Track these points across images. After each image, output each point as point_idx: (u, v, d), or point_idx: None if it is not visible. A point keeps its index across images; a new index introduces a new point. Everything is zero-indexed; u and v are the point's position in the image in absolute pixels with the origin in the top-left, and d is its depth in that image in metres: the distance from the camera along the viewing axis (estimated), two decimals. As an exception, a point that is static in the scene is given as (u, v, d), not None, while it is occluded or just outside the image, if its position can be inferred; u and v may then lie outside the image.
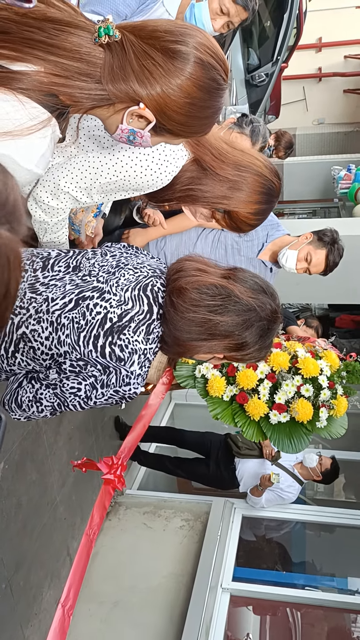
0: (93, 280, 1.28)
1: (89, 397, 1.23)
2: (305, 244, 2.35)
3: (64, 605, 1.48)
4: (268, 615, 3.67)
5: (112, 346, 1.19)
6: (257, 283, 1.26)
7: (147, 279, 1.27)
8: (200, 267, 1.27)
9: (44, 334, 1.22)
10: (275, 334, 1.28)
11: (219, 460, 3.82)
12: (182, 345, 1.27)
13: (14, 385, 1.29)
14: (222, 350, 1.27)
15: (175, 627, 3.15)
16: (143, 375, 1.22)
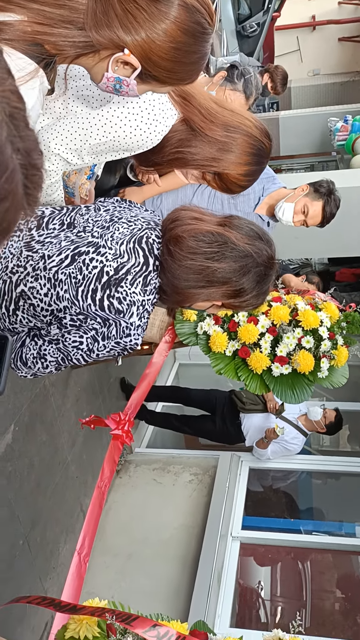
0: (88, 236, 1.29)
1: (91, 349, 1.26)
2: (302, 196, 2.35)
3: (80, 552, 1.54)
4: (278, 562, 3.81)
5: (110, 299, 1.21)
6: (253, 230, 1.28)
7: (142, 232, 1.29)
8: (195, 215, 1.28)
9: (43, 291, 1.25)
10: (271, 280, 1.30)
11: (224, 416, 3.89)
12: (181, 293, 1.30)
13: (17, 345, 1.32)
14: (220, 298, 1.29)
15: (188, 576, 3.28)
16: (143, 326, 1.25)
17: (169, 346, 2.66)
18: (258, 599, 3.70)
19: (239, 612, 3.44)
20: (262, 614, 3.63)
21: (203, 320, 2.60)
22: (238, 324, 2.52)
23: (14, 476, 2.58)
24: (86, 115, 1.31)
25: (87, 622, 1.22)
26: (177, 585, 3.26)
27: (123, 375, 4.04)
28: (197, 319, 2.63)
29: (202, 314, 2.63)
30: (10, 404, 2.52)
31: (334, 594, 3.71)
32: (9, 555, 2.56)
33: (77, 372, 3.28)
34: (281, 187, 2.38)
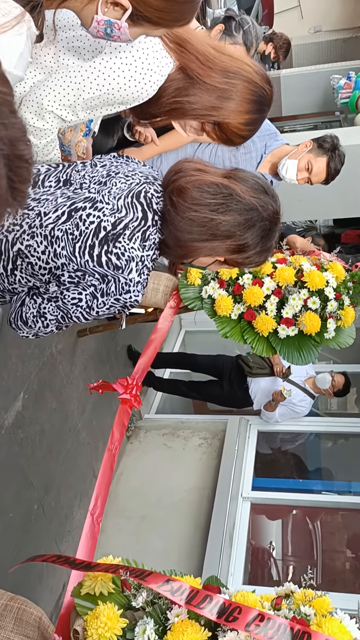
0: (84, 192, 1.27)
1: (90, 306, 1.25)
2: (305, 153, 2.29)
3: (93, 513, 1.57)
4: (289, 522, 3.88)
5: (108, 255, 1.20)
6: (259, 183, 1.25)
7: (140, 186, 1.26)
8: (199, 167, 1.26)
9: (40, 249, 1.23)
10: (276, 236, 1.28)
11: (232, 380, 3.92)
12: (184, 246, 1.28)
13: (17, 304, 1.31)
14: (224, 253, 1.28)
15: (200, 537, 3.35)
16: (142, 283, 1.24)
17: (174, 311, 2.65)
18: (270, 558, 3.79)
19: (252, 571, 3.53)
20: (274, 573, 3.72)
21: (208, 284, 2.58)
22: (243, 286, 2.51)
23: (25, 443, 2.61)
24: (78, 69, 1.28)
25: (102, 578, 1.25)
26: (190, 546, 3.33)
27: (129, 343, 4.05)
28: (202, 282, 2.61)
29: (206, 277, 2.61)
30: (19, 372, 2.54)
31: (344, 553, 3.78)
32: (25, 520, 2.62)
33: (84, 341, 3.29)
34: (284, 144, 2.32)
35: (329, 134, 2.38)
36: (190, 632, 1.10)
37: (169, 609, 1.18)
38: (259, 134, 2.31)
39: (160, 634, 1.13)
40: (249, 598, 1.20)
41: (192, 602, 1.12)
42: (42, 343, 2.79)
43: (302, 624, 1.10)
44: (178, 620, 1.14)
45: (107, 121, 2.29)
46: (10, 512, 2.48)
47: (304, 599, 1.23)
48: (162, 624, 1.16)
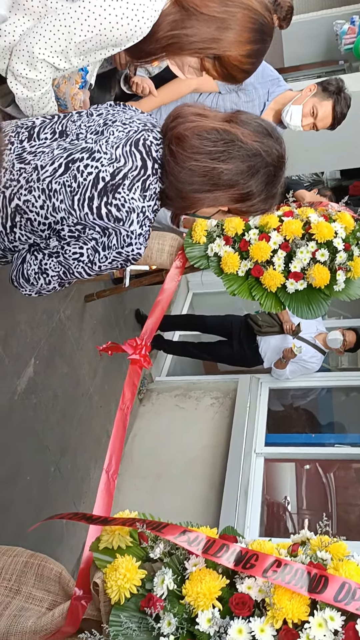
0: (81, 143, 1.23)
1: (92, 261, 1.23)
2: (310, 97, 2.20)
3: (108, 470, 1.58)
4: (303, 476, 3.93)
5: (108, 206, 1.17)
6: (262, 125, 1.20)
7: (138, 134, 1.22)
8: (199, 112, 1.21)
9: (38, 203, 1.20)
10: (281, 181, 1.23)
11: (241, 340, 3.91)
12: (185, 198, 1.24)
13: (18, 262, 1.29)
14: (227, 202, 1.24)
15: (216, 493, 3.40)
16: (144, 235, 1.21)
17: (180, 271, 2.62)
18: (285, 512, 3.86)
19: (267, 524, 3.59)
20: (289, 525, 3.79)
21: (213, 242, 2.54)
22: (249, 242, 2.47)
23: (39, 408, 2.64)
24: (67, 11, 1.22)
25: (119, 532, 1.27)
26: (205, 502, 3.39)
27: (137, 306, 4.04)
28: (207, 240, 2.57)
29: (212, 235, 2.57)
30: (28, 338, 2.54)
31: (358, 506, 3.83)
32: (42, 482, 2.67)
33: (92, 306, 3.28)
34: (287, 90, 2.24)
35: (334, 77, 2.29)
36: (208, 580, 1.12)
37: (186, 559, 1.19)
38: (261, 80, 2.23)
39: (179, 583, 1.15)
40: (265, 546, 1.21)
41: (209, 552, 1.14)
42: (50, 309, 2.78)
43: (319, 568, 1.11)
44: (196, 570, 1.15)
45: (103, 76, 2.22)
46: (27, 476, 2.53)
47: (320, 544, 1.24)
48: (180, 574, 1.17)
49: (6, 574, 1.32)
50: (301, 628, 1.05)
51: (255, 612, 1.09)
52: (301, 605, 1.06)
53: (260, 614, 1.08)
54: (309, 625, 1.04)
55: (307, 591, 1.06)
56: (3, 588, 1.29)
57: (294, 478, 3.95)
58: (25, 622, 1.21)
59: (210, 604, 1.09)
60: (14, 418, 2.44)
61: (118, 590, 1.13)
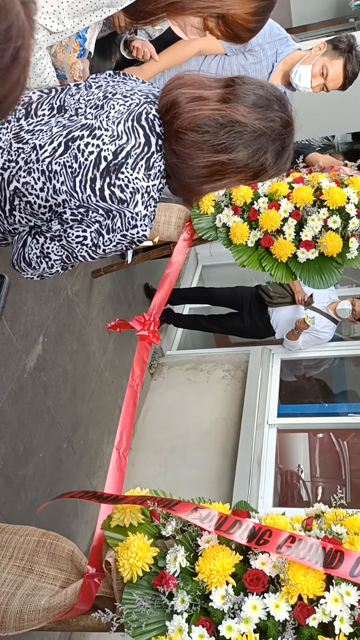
0: (81, 119, 1.17)
1: (96, 244, 1.18)
2: (319, 56, 2.10)
3: (118, 448, 1.57)
4: (316, 445, 3.92)
5: (111, 187, 1.11)
6: (261, 96, 1.12)
7: (140, 107, 1.15)
8: (194, 94, 1.12)
9: (38, 185, 1.15)
10: (292, 145, 1.16)
11: (252, 311, 3.86)
12: (194, 191, 1.20)
13: (19, 245, 1.24)
14: (237, 184, 1.18)
15: (229, 463, 3.41)
16: (150, 216, 1.15)
17: (187, 243, 2.57)
18: (299, 481, 3.86)
19: (281, 493, 3.61)
20: (303, 494, 3.80)
21: (221, 212, 2.48)
22: (258, 211, 2.40)
23: (50, 385, 2.63)
24: None
25: (131, 510, 1.26)
26: (219, 473, 3.40)
27: (146, 280, 4.00)
28: (215, 211, 2.51)
29: (219, 205, 2.50)
30: (36, 315, 2.51)
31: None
32: (56, 458, 2.68)
33: (99, 281, 3.24)
34: (296, 49, 2.14)
35: (345, 34, 2.17)
36: (221, 557, 1.10)
37: (198, 536, 1.18)
38: (268, 40, 2.13)
39: (192, 560, 1.14)
40: (279, 521, 1.19)
41: (222, 528, 1.12)
42: (57, 286, 2.75)
43: (334, 543, 1.08)
44: (209, 546, 1.14)
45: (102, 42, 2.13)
46: (40, 453, 2.53)
47: (334, 518, 1.22)
48: (192, 551, 1.16)
49: (18, 553, 1.31)
50: (317, 603, 1.03)
51: (269, 588, 1.07)
52: (316, 580, 1.04)
53: (274, 589, 1.07)
54: (325, 600, 1.02)
55: (322, 566, 1.04)
56: (16, 567, 1.29)
57: (307, 447, 3.95)
58: (39, 601, 1.21)
59: (224, 581, 1.08)
60: (25, 396, 2.44)
61: (130, 568, 1.12)
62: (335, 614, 1.01)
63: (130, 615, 1.09)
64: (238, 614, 1.05)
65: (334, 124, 3.96)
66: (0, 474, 2.25)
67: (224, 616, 1.05)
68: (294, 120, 1.16)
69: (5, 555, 1.32)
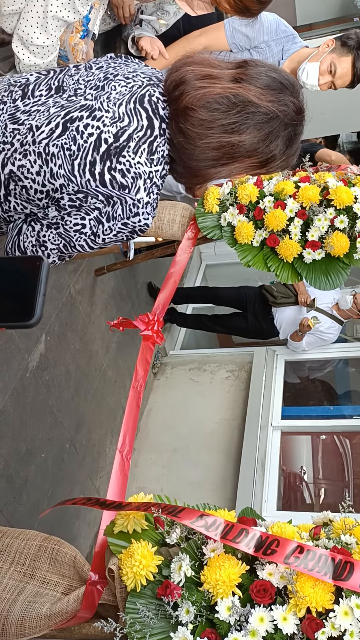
0: (80, 99, 1.12)
1: (95, 233, 1.13)
2: (327, 53, 2.06)
3: (122, 450, 1.54)
4: (319, 448, 3.89)
5: (111, 172, 1.06)
6: (274, 78, 1.07)
7: (143, 89, 1.11)
8: (204, 72, 1.07)
9: (34, 169, 1.10)
10: (301, 135, 1.12)
11: (256, 312, 3.83)
12: (199, 175, 1.14)
13: (13, 232, 1.19)
14: (245, 171, 1.14)
15: (233, 466, 3.38)
16: (152, 204, 1.10)
17: (192, 242, 2.54)
18: (302, 483, 3.83)
19: (285, 496, 3.57)
20: (306, 496, 3.77)
21: (226, 211, 2.45)
22: (264, 210, 2.37)
23: (52, 384, 2.60)
24: None
25: (134, 516, 1.23)
26: (223, 475, 3.37)
27: (149, 279, 3.97)
28: (220, 209, 2.47)
29: (224, 204, 2.47)
30: (38, 314, 2.48)
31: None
32: (58, 459, 2.65)
33: (102, 280, 3.21)
34: (303, 47, 2.10)
35: (354, 31, 2.13)
36: (227, 567, 1.07)
37: (204, 544, 1.15)
38: (274, 37, 2.10)
39: (197, 569, 1.11)
40: (286, 529, 1.16)
41: (228, 537, 1.09)
42: (59, 284, 2.72)
43: (343, 554, 1.05)
44: (214, 555, 1.11)
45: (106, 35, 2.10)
46: (42, 453, 2.51)
47: (343, 527, 1.19)
48: (198, 559, 1.13)
49: (20, 558, 1.29)
50: (326, 617, 1.00)
51: (277, 599, 1.04)
52: (325, 592, 1.01)
53: (282, 601, 1.04)
54: (334, 613, 0.99)
55: (332, 578, 1.01)
56: (17, 572, 1.26)
57: (309, 449, 3.92)
58: (41, 608, 1.18)
59: (230, 592, 1.05)
60: (28, 395, 2.41)
61: (134, 577, 1.10)
62: (345, 628, 0.97)
63: (133, 625, 1.06)
64: (244, 626, 1.02)
65: (339, 123, 3.92)
66: (2, 474, 2.23)
67: (230, 628, 1.02)
68: (305, 109, 1.12)
69: (7, 560, 1.30)
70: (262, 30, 2.02)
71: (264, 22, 1.99)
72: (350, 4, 6.30)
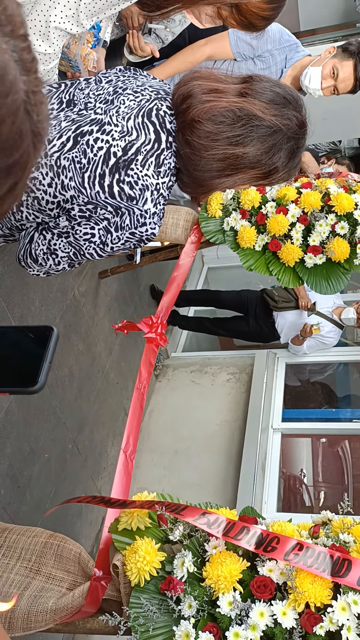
0: (90, 113, 1.16)
1: (104, 242, 1.17)
2: (329, 58, 2.10)
3: (125, 451, 1.57)
4: (319, 450, 3.92)
5: (120, 184, 1.11)
6: (278, 93, 1.12)
7: (151, 103, 1.15)
8: (211, 86, 1.12)
9: (46, 181, 1.14)
10: (303, 149, 1.17)
11: (257, 315, 3.86)
12: (204, 185, 1.19)
13: (25, 240, 1.23)
14: (248, 182, 1.18)
15: (234, 467, 3.41)
16: (159, 214, 1.15)
17: (195, 246, 2.57)
18: (302, 485, 3.86)
19: (285, 498, 3.60)
20: (306, 499, 3.79)
21: (229, 216, 2.48)
22: (266, 215, 2.40)
23: (56, 385, 2.64)
24: None
25: (138, 514, 1.26)
26: (223, 477, 3.40)
27: (152, 282, 4.00)
28: (223, 214, 2.51)
29: (227, 209, 2.51)
30: (43, 316, 2.52)
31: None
32: (60, 460, 2.68)
33: (106, 282, 3.25)
34: (306, 56, 2.14)
35: (355, 39, 2.17)
36: (228, 563, 1.11)
37: (206, 541, 1.18)
38: (278, 46, 2.14)
39: (199, 566, 1.14)
40: (287, 528, 1.20)
41: (229, 534, 1.12)
42: (64, 286, 2.76)
43: (342, 552, 1.09)
44: (216, 552, 1.14)
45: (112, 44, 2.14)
46: (45, 453, 2.54)
47: (342, 526, 1.22)
48: (200, 556, 1.16)
49: (26, 554, 1.32)
50: (324, 612, 1.04)
51: (276, 595, 1.07)
52: (324, 588, 1.05)
53: (282, 597, 1.07)
54: (332, 609, 1.02)
55: (330, 575, 1.04)
56: (23, 568, 1.29)
57: (309, 451, 3.95)
58: (46, 602, 1.22)
59: (231, 587, 1.08)
60: (31, 396, 2.45)
61: (138, 572, 1.13)
62: (343, 623, 1.01)
63: (137, 619, 1.09)
64: (245, 620, 1.05)
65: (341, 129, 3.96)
66: (7, 474, 2.26)
67: (231, 622, 1.06)
68: (307, 123, 1.16)
69: (13, 556, 1.33)
70: (266, 40, 2.05)
71: (268, 32, 2.03)
72: (353, 10, 6.35)
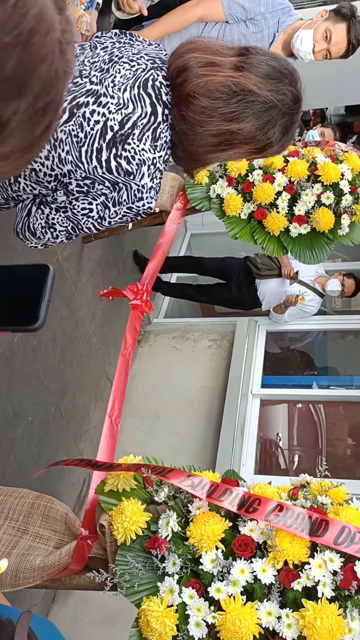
0: (85, 82, 1.14)
1: (102, 217, 1.17)
2: (322, 21, 2.06)
3: (111, 415, 1.60)
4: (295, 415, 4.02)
5: (117, 159, 1.10)
6: (274, 67, 1.10)
7: (147, 73, 1.13)
8: (207, 59, 1.10)
9: (43, 154, 1.12)
10: (297, 122, 1.17)
11: (240, 283, 3.88)
12: (199, 160, 1.18)
13: (23, 213, 1.23)
14: (243, 156, 1.18)
15: (213, 432, 3.49)
16: (155, 188, 1.14)
17: (181, 213, 2.56)
18: (277, 449, 3.97)
19: (261, 461, 3.71)
20: (281, 462, 3.91)
21: (215, 183, 2.47)
22: (253, 184, 2.40)
23: (39, 350, 2.64)
24: None
25: (124, 476, 1.30)
26: (203, 441, 3.48)
27: (135, 247, 3.98)
28: (209, 181, 2.50)
29: (214, 176, 2.49)
30: (26, 281, 2.50)
31: (345, 442, 3.95)
32: (44, 422, 2.72)
33: (89, 247, 3.22)
34: (298, 20, 2.10)
35: (346, 1, 2.13)
36: (211, 523, 1.15)
37: (190, 502, 1.22)
38: (271, 9, 2.09)
39: (183, 526, 1.19)
40: (267, 490, 1.24)
41: (213, 496, 1.17)
42: (47, 250, 2.73)
43: (319, 513, 1.14)
44: (199, 512, 1.18)
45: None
46: (29, 416, 2.57)
47: (320, 489, 1.28)
48: (184, 516, 1.21)
49: (13, 515, 1.35)
50: (301, 569, 1.09)
51: (257, 553, 1.13)
52: (302, 547, 1.10)
53: (262, 555, 1.12)
54: (309, 566, 1.08)
55: (308, 534, 1.09)
56: (11, 528, 1.33)
57: (285, 416, 4.05)
58: (34, 560, 1.26)
59: (214, 546, 1.13)
60: (15, 360, 2.45)
61: (124, 532, 1.17)
62: (319, 579, 1.07)
63: (123, 575, 1.14)
64: (227, 577, 1.10)
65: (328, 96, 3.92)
66: (-10, 436, 2.29)
67: (213, 579, 1.11)
68: (302, 98, 1.15)
69: (1, 516, 1.36)
70: (258, 2, 2.01)
71: (260, -6, 1.98)
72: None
